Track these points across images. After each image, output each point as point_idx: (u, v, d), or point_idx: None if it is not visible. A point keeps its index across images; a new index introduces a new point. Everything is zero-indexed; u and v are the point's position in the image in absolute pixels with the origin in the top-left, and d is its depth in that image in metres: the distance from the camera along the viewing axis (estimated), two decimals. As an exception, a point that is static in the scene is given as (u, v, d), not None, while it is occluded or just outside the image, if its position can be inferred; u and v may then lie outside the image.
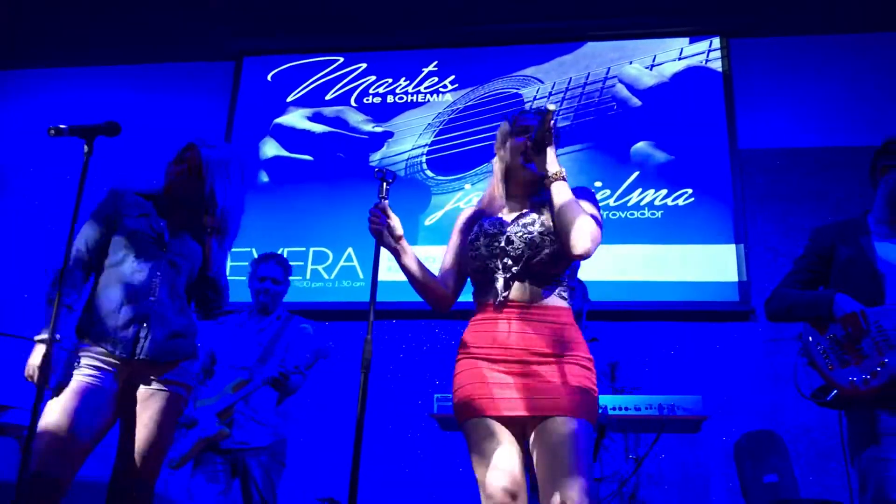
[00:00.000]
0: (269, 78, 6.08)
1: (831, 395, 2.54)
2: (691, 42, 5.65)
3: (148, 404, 2.56)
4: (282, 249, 5.46)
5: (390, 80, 5.93)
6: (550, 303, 2.17)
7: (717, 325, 4.96)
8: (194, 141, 2.73)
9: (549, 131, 2.20)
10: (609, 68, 5.66)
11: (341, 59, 6.04)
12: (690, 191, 5.26)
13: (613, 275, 5.03)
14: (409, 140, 5.72)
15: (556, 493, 1.94)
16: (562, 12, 5.70)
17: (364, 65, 6.00)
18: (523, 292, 2.16)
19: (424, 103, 5.82)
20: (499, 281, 2.17)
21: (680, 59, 5.61)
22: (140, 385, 2.57)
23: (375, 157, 5.69)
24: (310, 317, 5.14)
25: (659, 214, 5.24)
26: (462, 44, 5.93)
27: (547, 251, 2.17)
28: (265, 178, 5.79)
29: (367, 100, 5.90)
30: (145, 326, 2.55)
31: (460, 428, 2.15)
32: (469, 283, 2.35)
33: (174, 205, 2.73)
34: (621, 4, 5.63)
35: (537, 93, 5.67)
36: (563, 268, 2.21)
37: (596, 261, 2.52)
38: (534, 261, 2.17)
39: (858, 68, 5.44)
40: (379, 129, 5.80)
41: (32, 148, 6.04)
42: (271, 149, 5.86)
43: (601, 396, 3.17)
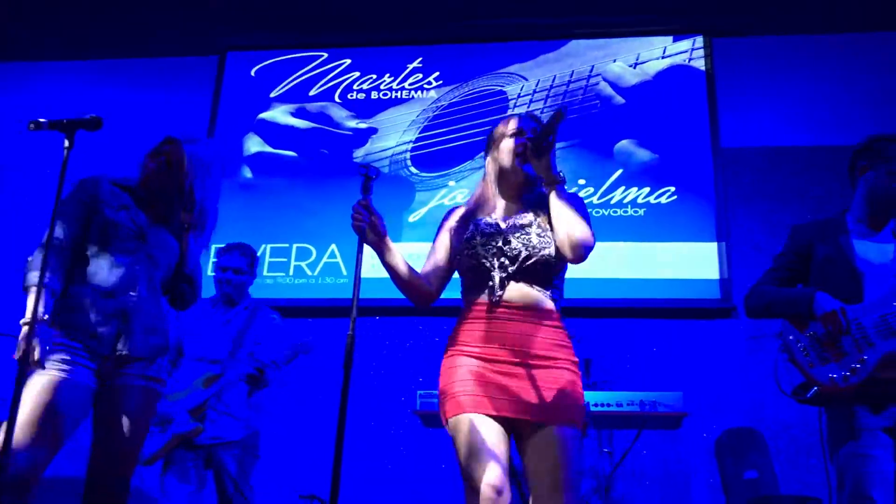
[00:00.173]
0: (253, 73, 6.05)
1: (811, 392, 2.56)
2: (675, 41, 5.67)
3: (125, 400, 2.51)
4: (265, 246, 5.46)
5: (374, 77, 5.91)
6: (543, 305, 2.20)
7: (699, 323, 5.00)
8: (174, 135, 2.69)
9: (554, 135, 2.21)
10: (593, 66, 5.67)
11: (325, 55, 6.02)
12: (673, 189, 5.28)
13: (596, 272, 5.03)
14: (394, 136, 5.71)
15: (545, 501, 2.03)
16: (546, 10, 5.70)
17: (348, 60, 5.98)
18: (517, 293, 2.19)
19: (409, 100, 5.81)
20: (495, 280, 2.18)
21: (663, 57, 5.63)
22: (117, 381, 2.52)
23: (359, 154, 5.68)
24: (293, 313, 5.14)
25: (642, 212, 5.26)
26: (446, 40, 5.93)
27: (543, 253, 2.20)
28: (248, 173, 5.76)
29: (352, 96, 5.88)
30: (126, 322, 2.51)
31: (447, 423, 2.15)
32: (454, 281, 2.36)
33: (151, 198, 2.68)
34: (605, 3, 5.63)
35: (521, 90, 5.67)
36: (557, 271, 2.25)
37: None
38: (530, 262, 2.19)
39: (841, 68, 5.48)
40: (363, 126, 5.78)
41: (12, 142, 5.98)
42: (254, 144, 5.83)
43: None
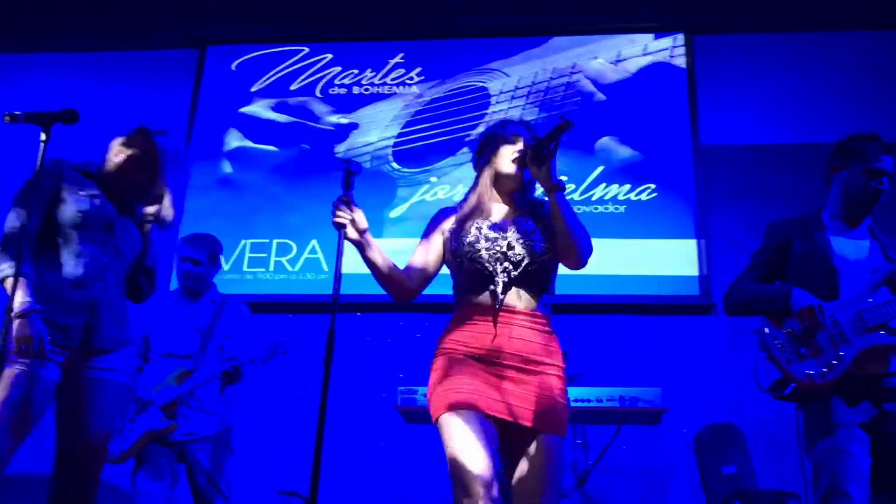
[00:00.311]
0: (234, 67, 6.01)
1: (789, 389, 2.59)
2: (656, 38, 5.69)
3: (94, 394, 2.47)
4: (245, 241, 5.44)
5: (356, 72, 5.89)
6: (538, 310, 2.26)
7: (679, 319, 5.02)
8: (145, 125, 2.62)
9: (556, 143, 2.24)
10: (574, 63, 5.68)
11: (307, 50, 5.99)
12: (654, 186, 5.31)
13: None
14: (375, 132, 5.69)
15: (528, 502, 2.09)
16: (528, 7, 5.71)
17: (330, 55, 5.95)
18: (517, 298, 2.23)
19: (391, 95, 5.79)
20: (499, 285, 2.21)
21: (645, 54, 5.65)
22: (84, 374, 2.47)
23: (341, 149, 5.65)
24: (273, 309, 5.13)
25: (622, 209, 5.28)
26: (428, 36, 5.91)
27: (545, 259, 2.25)
28: (228, 168, 5.72)
29: (333, 91, 5.86)
30: (94, 314, 2.46)
31: (436, 420, 2.16)
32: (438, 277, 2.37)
33: (118, 188, 2.62)
34: (587, 0, 5.65)
35: (503, 86, 5.67)
36: (552, 277, 2.31)
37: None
38: (532, 268, 2.23)
39: (819, 66, 5.53)
40: (344, 121, 5.76)
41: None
42: (235, 139, 5.79)
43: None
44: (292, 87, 5.89)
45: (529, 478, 2.12)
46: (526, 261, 2.23)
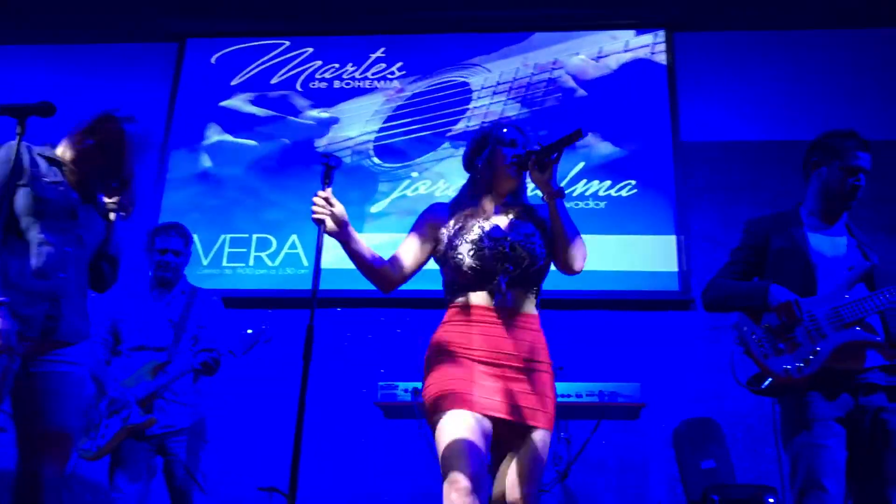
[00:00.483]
0: (213, 61, 5.96)
1: (766, 383, 2.61)
2: (637, 34, 5.71)
3: (53, 386, 2.41)
4: (224, 236, 5.40)
5: (337, 66, 5.86)
6: (530, 311, 2.30)
7: (658, 314, 5.05)
8: (111, 113, 2.56)
9: (560, 152, 2.29)
10: (556, 59, 5.69)
11: (287, 43, 5.95)
12: (634, 182, 5.33)
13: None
14: (356, 126, 5.67)
15: (516, 492, 2.14)
16: (510, 2, 5.71)
17: (310, 49, 5.92)
18: (516, 299, 2.27)
19: (372, 90, 5.77)
20: (500, 285, 2.24)
21: (626, 51, 5.67)
22: (42, 367, 2.41)
23: (321, 143, 5.63)
24: (253, 304, 5.11)
25: (603, 205, 5.30)
26: (410, 31, 5.89)
27: (543, 263, 2.31)
28: (208, 162, 5.68)
29: (314, 85, 5.83)
30: (56, 304, 2.40)
31: (432, 418, 2.18)
32: (423, 276, 2.37)
33: (83, 176, 2.55)
34: (569, -5, 5.67)
35: (485, 82, 5.67)
36: (544, 278, 2.36)
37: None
38: (532, 269, 2.28)
39: (799, 64, 5.57)
40: (325, 115, 5.73)
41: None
42: (214, 133, 5.75)
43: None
44: (273, 81, 5.86)
45: (516, 465, 2.17)
46: (526, 262, 2.27)
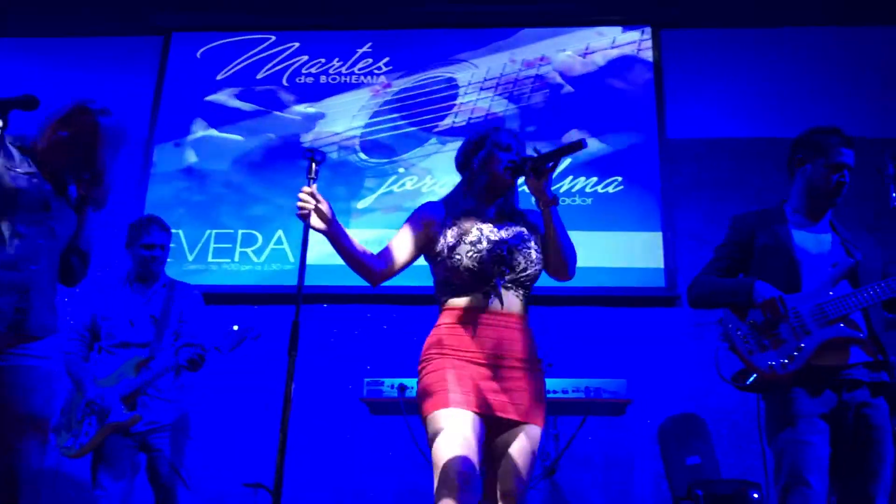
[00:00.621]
0: (199, 55, 5.92)
1: (751, 379, 2.62)
2: (624, 31, 5.72)
3: (20, 380, 2.34)
4: (210, 231, 5.37)
5: (323, 61, 5.84)
6: (523, 312, 2.35)
7: (644, 311, 5.07)
8: (86, 104, 2.48)
9: (558, 162, 2.32)
10: (543, 55, 5.69)
11: (273, 38, 5.92)
12: (620, 178, 5.34)
13: (544, 260, 5.07)
14: (342, 122, 5.65)
15: (509, 482, 2.19)
16: (497, -3, 5.72)
17: (296, 44, 5.89)
18: (509, 300, 2.31)
19: (358, 85, 5.75)
20: (497, 288, 2.29)
21: (612, 47, 5.68)
22: (8, 361, 2.34)
23: (307, 138, 5.60)
24: (239, 300, 5.09)
25: (589, 201, 5.31)
26: (397, 26, 5.88)
27: (538, 268, 2.38)
28: (193, 157, 5.65)
29: (300, 80, 5.80)
30: (26, 297, 2.35)
31: (427, 417, 2.19)
32: (410, 273, 2.37)
33: (55, 167, 2.49)
34: (556, -8, 5.67)
35: (472, 77, 5.66)
36: (536, 282, 2.40)
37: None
38: (526, 274, 2.33)
39: (785, 61, 5.60)
40: (311, 110, 5.71)
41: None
42: (200, 127, 5.72)
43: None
44: (259, 76, 5.82)
45: (510, 461, 2.20)
46: (522, 265, 2.32)
